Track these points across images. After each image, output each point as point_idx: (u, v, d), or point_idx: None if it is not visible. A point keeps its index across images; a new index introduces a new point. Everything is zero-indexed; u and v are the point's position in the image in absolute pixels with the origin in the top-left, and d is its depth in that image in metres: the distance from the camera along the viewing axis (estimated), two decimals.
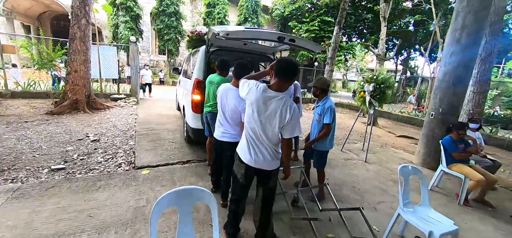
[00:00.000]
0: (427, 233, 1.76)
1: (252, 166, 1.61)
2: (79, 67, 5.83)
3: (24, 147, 3.51)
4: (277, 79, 1.53)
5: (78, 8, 5.68)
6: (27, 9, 14.50)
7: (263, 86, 1.54)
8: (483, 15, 3.37)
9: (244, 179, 1.68)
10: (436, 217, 1.98)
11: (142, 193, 2.50)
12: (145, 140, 4.16)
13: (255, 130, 1.58)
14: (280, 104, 1.49)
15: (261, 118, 1.53)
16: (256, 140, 1.59)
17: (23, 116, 5.10)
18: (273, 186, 1.72)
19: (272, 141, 1.57)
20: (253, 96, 1.54)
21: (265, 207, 1.74)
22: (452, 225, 1.87)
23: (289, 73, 1.51)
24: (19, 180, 2.60)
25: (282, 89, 1.54)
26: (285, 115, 1.48)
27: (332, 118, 2.44)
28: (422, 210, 2.07)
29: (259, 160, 1.59)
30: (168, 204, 1.15)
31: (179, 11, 14.56)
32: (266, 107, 1.52)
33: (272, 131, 1.54)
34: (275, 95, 1.51)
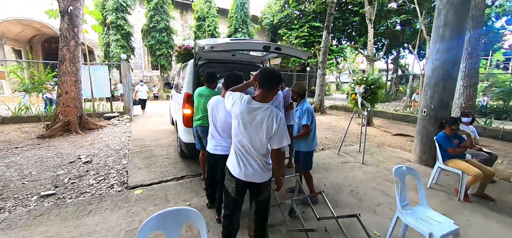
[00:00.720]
0: (427, 235, 1.72)
1: (243, 180, 1.57)
2: (70, 88, 5.78)
3: (13, 174, 3.41)
4: (261, 90, 1.53)
5: (66, 30, 5.68)
6: (18, 34, 14.47)
7: (247, 98, 1.53)
8: (464, 10, 3.46)
9: (235, 193, 1.63)
10: (436, 217, 1.94)
11: (134, 214, 2.42)
12: (138, 158, 4.08)
13: (242, 143, 1.55)
14: (266, 115, 1.48)
15: (248, 130, 1.51)
16: (244, 153, 1.56)
17: (13, 142, 4.99)
18: (266, 198, 1.67)
19: (261, 152, 1.54)
20: (238, 109, 1.52)
21: (259, 220, 1.69)
22: (452, 224, 1.83)
23: (272, 83, 1.50)
24: (6, 210, 2.51)
25: (266, 99, 1.53)
26: (272, 125, 1.47)
27: (311, 120, 2.55)
28: (420, 211, 2.03)
29: (249, 173, 1.55)
30: (153, 228, 1.10)
31: (169, 26, 14.68)
32: (251, 118, 1.50)
33: (260, 142, 1.51)
34: (260, 106, 1.50)
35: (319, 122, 8.95)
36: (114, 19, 12.59)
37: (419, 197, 2.11)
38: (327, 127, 7.86)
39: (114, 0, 12.44)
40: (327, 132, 7.09)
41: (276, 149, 1.54)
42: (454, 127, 3.02)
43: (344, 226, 2.10)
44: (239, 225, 1.78)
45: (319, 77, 10.06)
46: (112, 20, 12.58)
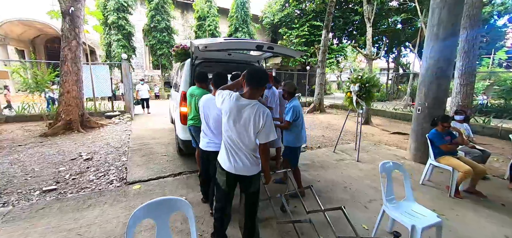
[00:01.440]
0: (410, 227, 1.78)
1: (233, 173, 1.65)
2: (71, 88, 5.89)
3: (17, 171, 3.52)
4: (249, 88, 1.61)
5: (68, 31, 5.79)
6: (20, 34, 14.65)
7: (236, 95, 1.61)
8: (457, 9, 3.50)
9: (226, 186, 1.72)
10: (420, 211, 2.00)
11: (132, 208, 2.51)
12: (137, 155, 4.18)
13: (232, 138, 1.63)
14: (253, 111, 1.56)
15: (236, 125, 1.60)
16: (234, 147, 1.64)
17: (16, 140, 5.11)
18: (255, 191, 1.75)
19: (249, 147, 1.62)
20: (227, 105, 1.61)
21: (249, 212, 1.77)
22: (435, 217, 1.89)
23: (258, 81, 1.60)
24: (10, 204, 2.61)
25: (254, 96, 1.62)
26: (259, 121, 1.55)
27: (294, 116, 2.69)
28: (405, 204, 2.10)
29: (239, 166, 1.63)
30: (144, 216, 1.19)
31: (170, 26, 14.79)
32: (240, 115, 1.58)
33: (248, 137, 1.60)
34: (248, 102, 1.58)
35: (317, 120, 9.00)
36: (115, 19, 12.73)
37: (406, 191, 2.18)
38: (326, 126, 7.90)
39: (116, 1, 12.57)
40: (325, 131, 7.14)
41: (263, 144, 1.61)
42: (445, 124, 3.07)
43: (333, 220, 2.17)
44: (231, 218, 1.85)
45: (318, 76, 10.10)
46: (113, 20, 12.72)
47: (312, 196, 2.76)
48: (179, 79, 4.11)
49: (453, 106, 5.64)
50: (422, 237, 1.74)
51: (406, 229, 1.83)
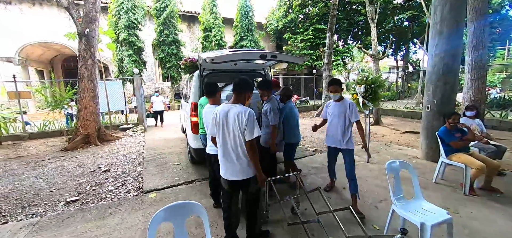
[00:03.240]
0: (419, 224, 1.80)
1: (228, 179, 1.85)
2: (88, 104, 6.24)
3: (42, 184, 3.77)
4: (234, 94, 1.88)
5: (84, 51, 6.17)
6: (40, 56, 15.61)
7: (223, 104, 1.89)
8: (459, 5, 3.50)
9: (228, 187, 1.91)
10: (429, 208, 2.01)
11: (149, 215, 2.65)
12: (152, 165, 4.36)
13: (224, 144, 1.83)
14: (237, 111, 1.76)
15: (225, 129, 1.81)
16: (227, 153, 1.83)
17: (40, 155, 5.45)
18: (253, 192, 1.92)
19: (241, 150, 1.79)
20: (218, 117, 1.85)
21: (249, 208, 1.96)
22: (445, 214, 1.89)
23: (241, 88, 1.85)
24: (38, 215, 2.82)
25: (238, 101, 1.86)
26: (242, 118, 1.73)
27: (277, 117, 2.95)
28: (415, 203, 2.11)
29: (233, 172, 1.82)
30: (163, 219, 1.30)
31: (178, 39, 15.28)
32: (226, 118, 1.80)
33: (238, 138, 1.77)
34: (232, 106, 1.82)
35: None
36: (126, 36, 13.32)
37: (414, 190, 2.19)
38: None
39: (126, 18, 13.19)
40: None
41: (249, 141, 1.75)
42: (451, 120, 3.05)
43: (343, 220, 2.21)
44: (239, 219, 2.01)
45: (325, 79, 10.10)
46: (124, 37, 13.31)
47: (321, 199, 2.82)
48: (188, 90, 4.30)
49: (465, 101, 5.50)
50: (432, 234, 1.75)
51: (417, 227, 1.85)
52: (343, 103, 2.70)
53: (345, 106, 2.66)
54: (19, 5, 13.44)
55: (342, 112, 2.67)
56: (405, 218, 2.05)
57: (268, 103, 2.85)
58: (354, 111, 2.64)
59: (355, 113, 2.64)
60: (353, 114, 2.63)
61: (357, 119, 2.67)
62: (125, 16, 13.13)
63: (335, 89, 2.70)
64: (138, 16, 13.76)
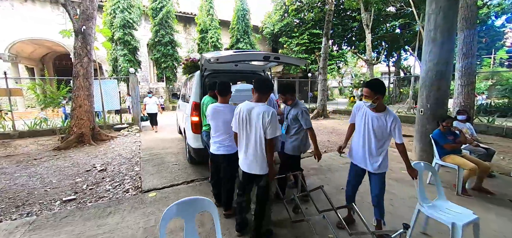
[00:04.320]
0: (450, 224, 1.84)
1: (246, 171, 2.03)
2: (83, 102, 6.12)
3: (36, 183, 3.67)
4: (257, 94, 1.99)
5: (80, 49, 6.08)
6: (31, 53, 15.19)
7: (247, 102, 2.01)
8: (452, 14, 3.67)
9: (243, 178, 2.13)
10: (455, 209, 2.06)
11: (150, 214, 2.63)
12: (149, 165, 4.32)
13: (245, 138, 1.98)
14: (261, 111, 1.88)
15: (248, 126, 1.96)
16: (247, 148, 1.99)
17: (32, 154, 5.30)
18: (264, 186, 2.05)
19: (261, 144, 1.91)
20: (242, 114, 1.98)
21: (259, 201, 2.09)
22: (472, 214, 1.94)
23: (265, 88, 1.98)
24: (33, 214, 2.75)
25: (260, 100, 1.98)
26: (266, 118, 1.85)
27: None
28: (440, 204, 2.16)
29: (250, 166, 1.99)
30: (174, 214, 1.31)
31: (174, 39, 15.21)
32: (250, 116, 1.94)
33: (259, 135, 1.90)
34: (255, 105, 1.95)
35: (322, 126, 9.08)
36: (121, 35, 13.16)
37: (437, 191, 2.26)
38: (330, 131, 7.99)
39: (121, 18, 13.04)
40: (330, 136, 7.23)
41: (270, 139, 1.88)
42: (445, 124, 3.18)
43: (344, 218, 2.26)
44: (250, 205, 2.20)
45: (320, 83, 10.26)
46: (119, 36, 13.15)
47: (322, 199, 2.87)
48: (188, 90, 4.30)
49: (455, 106, 5.72)
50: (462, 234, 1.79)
51: (442, 228, 1.92)
52: (387, 116, 1.98)
53: (387, 120, 1.97)
54: (10, 0, 13.08)
55: (381, 127, 2.00)
56: (430, 218, 2.11)
57: (295, 108, 2.62)
58: (398, 129, 1.96)
59: (399, 133, 1.97)
60: (397, 133, 1.97)
61: (401, 142, 2.01)
62: (120, 15, 12.98)
63: (368, 93, 1.96)
64: (134, 16, 13.64)
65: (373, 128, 2.02)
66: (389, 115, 1.97)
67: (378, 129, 2.00)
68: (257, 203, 2.09)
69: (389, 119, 1.96)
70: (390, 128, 1.96)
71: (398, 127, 1.96)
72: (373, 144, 2.04)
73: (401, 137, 1.99)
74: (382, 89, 1.98)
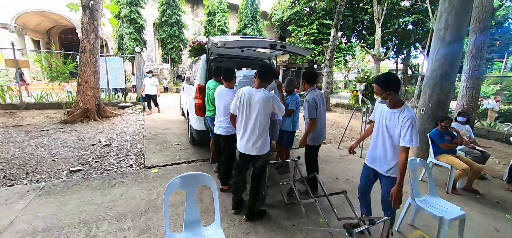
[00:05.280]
0: (439, 218, 1.98)
1: (243, 152, 2.14)
2: (89, 78, 6.22)
3: (44, 153, 3.84)
4: (259, 80, 2.09)
5: (87, 24, 6.09)
6: (37, 25, 15.17)
7: (248, 87, 2.11)
8: (464, 14, 3.60)
9: (239, 159, 2.25)
10: (444, 205, 2.20)
11: (152, 188, 2.78)
12: (152, 144, 4.46)
13: (246, 122, 2.09)
14: (264, 96, 2.02)
15: (249, 109, 2.06)
16: (246, 132, 2.09)
17: (39, 126, 5.47)
18: (260, 167, 2.21)
19: (262, 125, 2.05)
20: (243, 98, 2.09)
21: (255, 181, 2.24)
22: (459, 210, 2.09)
23: (267, 75, 2.07)
24: (43, 181, 2.91)
25: (262, 86, 2.08)
26: (269, 102, 2.01)
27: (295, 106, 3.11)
28: (431, 199, 2.29)
29: (248, 146, 2.10)
30: (177, 186, 1.43)
31: (181, 20, 15.04)
32: (251, 100, 2.05)
33: (261, 119, 2.04)
34: (256, 90, 2.06)
35: None
36: (128, 12, 13.05)
37: (429, 187, 2.37)
38: (331, 123, 8.05)
39: None
40: (330, 128, 7.30)
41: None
42: (443, 124, 3.23)
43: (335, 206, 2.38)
44: (245, 186, 2.38)
45: (325, 75, 10.20)
46: (126, 14, 13.04)
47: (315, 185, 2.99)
48: (193, 73, 4.35)
49: (458, 109, 5.72)
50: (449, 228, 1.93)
51: (430, 221, 2.08)
52: (401, 112, 1.75)
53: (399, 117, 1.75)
54: None
55: (394, 124, 1.79)
56: (419, 212, 2.26)
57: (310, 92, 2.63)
58: (408, 129, 1.67)
59: (409, 133, 1.67)
60: (405, 133, 1.68)
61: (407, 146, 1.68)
62: None
63: (377, 89, 1.80)
64: None
65: (386, 126, 1.83)
66: (402, 112, 1.73)
67: (391, 127, 1.80)
68: (252, 183, 2.23)
69: (402, 116, 1.72)
70: (401, 125, 1.71)
71: (409, 126, 1.67)
72: (387, 143, 1.83)
73: (411, 141, 1.66)
74: (391, 84, 1.76)
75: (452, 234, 2.07)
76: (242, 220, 2.27)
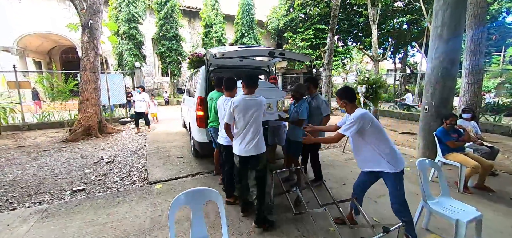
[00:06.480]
0: (454, 221, 1.87)
1: (243, 155, 2.23)
2: (90, 96, 6.24)
3: (46, 173, 3.81)
4: (247, 88, 2.28)
5: (87, 43, 6.17)
6: (38, 46, 15.43)
7: (241, 95, 2.28)
8: (460, 10, 3.62)
9: (239, 164, 2.32)
10: (459, 206, 2.09)
11: (157, 205, 2.73)
12: (155, 158, 4.42)
13: (244, 127, 2.22)
14: (257, 101, 2.26)
15: (245, 115, 2.22)
16: (245, 133, 2.22)
17: (41, 146, 5.46)
18: (262, 168, 2.29)
19: (257, 128, 2.24)
20: (240, 107, 2.23)
21: (259, 184, 2.29)
22: (475, 211, 1.98)
23: (251, 82, 2.27)
24: (45, 202, 2.87)
25: (251, 92, 2.28)
26: (261, 107, 2.28)
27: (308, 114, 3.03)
28: (444, 200, 2.20)
29: (248, 148, 2.21)
30: (182, 203, 1.38)
31: (178, 34, 15.25)
32: (247, 106, 2.22)
33: (258, 121, 2.24)
34: (249, 97, 2.26)
35: None
36: (126, 29, 13.25)
37: (441, 188, 2.28)
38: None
39: (127, 12, 13.11)
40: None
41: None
42: (448, 121, 3.18)
43: (345, 211, 2.31)
44: (249, 189, 2.44)
45: (325, 79, 10.21)
46: (125, 31, 13.25)
47: (323, 192, 2.93)
48: (193, 85, 4.35)
49: (461, 105, 5.67)
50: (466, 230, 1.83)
51: (445, 224, 1.98)
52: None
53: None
54: None
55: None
56: (433, 214, 2.16)
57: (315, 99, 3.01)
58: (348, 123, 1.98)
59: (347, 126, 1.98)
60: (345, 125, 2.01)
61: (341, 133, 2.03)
62: (126, 9, 13.05)
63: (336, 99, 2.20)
64: (139, 10, 13.70)
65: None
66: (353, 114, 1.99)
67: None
68: (257, 187, 2.29)
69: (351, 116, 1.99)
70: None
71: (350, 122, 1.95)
72: (361, 144, 2.06)
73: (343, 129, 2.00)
74: (344, 94, 2.08)
75: (469, 235, 1.99)
76: (250, 233, 2.20)
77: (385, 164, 1.93)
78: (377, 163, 1.97)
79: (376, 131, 1.95)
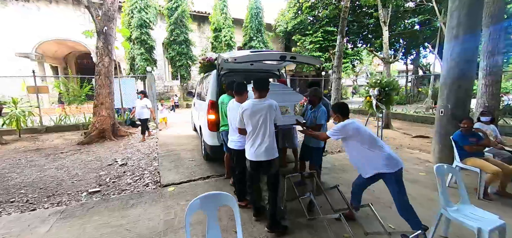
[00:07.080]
0: (476, 230, 1.78)
1: (254, 160, 2.23)
2: (104, 100, 6.44)
3: (63, 175, 3.94)
4: (257, 93, 2.28)
5: (102, 48, 6.39)
6: (55, 52, 16.09)
7: (251, 100, 2.30)
8: (476, 10, 3.50)
9: (251, 169, 2.32)
10: (480, 214, 2.00)
11: (170, 207, 2.77)
12: (167, 161, 4.49)
13: (254, 131, 2.23)
14: (266, 105, 2.23)
15: (255, 119, 2.22)
16: (256, 138, 2.22)
17: (58, 148, 5.67)
18: (274, 173, 2.29)
19: (268, 133, 2.21)
20: (247, 112, 2.24)
21: (271, 189, 2.30)
22: (498, 219, 1.88)
23: (262, 86, 2.27)
24: (63, 204, 2.97)
25: (261, 96, 2.27)
26: (272, 111, 2.24)
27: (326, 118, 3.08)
28: (464, 208, 2.10)
29: (259, 152, 2.20)
30: (198, 207, 1.40)
31: (188, 38, 15.51)
32: (257, 111, 2.22)
33: (269, 124, 2.22)
34: (259, 101, 2.26)
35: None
36: (138, 34, 13.61)
37: (461, 195, 2.19)
38: None
39: (139, 17, 13.48)
40: None
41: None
42: (463, 124, 3.06)
43: (360, 218, 2.27)
44: (261, 194, 2.49)
45: (334, 81, 10.10)
46: (137, 36, 13.60)
47: (336, 197, 2.88)
48: (204, 89, 4.41)
49: (478, 107, 5.45)
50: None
51: (467, 233, 1.90)
52: None
53: None
54: (37, 3, 13.91)
55: None
56: (453, 222, 2.05)
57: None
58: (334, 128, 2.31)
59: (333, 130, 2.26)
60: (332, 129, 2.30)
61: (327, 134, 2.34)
62: (138, 15, 13.41)
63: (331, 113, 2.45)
64: (150, 15, 14.04)
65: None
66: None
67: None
68: (269, 192, 2.29)
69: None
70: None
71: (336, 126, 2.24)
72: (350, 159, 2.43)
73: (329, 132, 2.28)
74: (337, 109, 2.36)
75: None
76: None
77: (381, 166, 2.03)
78: (373, 167, 2.10)
79: (365, 138, 2.11)
